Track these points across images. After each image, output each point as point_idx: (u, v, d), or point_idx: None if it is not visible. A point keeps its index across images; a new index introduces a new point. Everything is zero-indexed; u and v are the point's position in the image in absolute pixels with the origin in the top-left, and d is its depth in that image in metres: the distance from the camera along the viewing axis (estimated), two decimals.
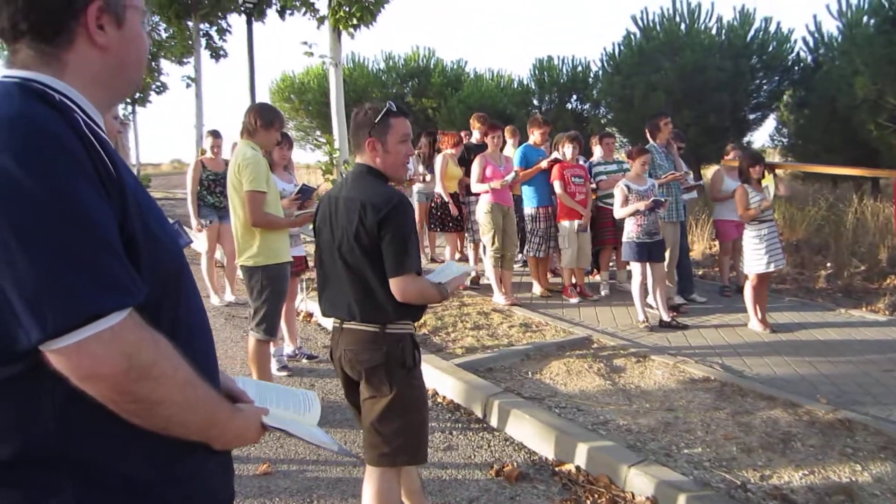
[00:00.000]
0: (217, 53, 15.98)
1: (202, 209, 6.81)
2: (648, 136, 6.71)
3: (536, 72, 17.91)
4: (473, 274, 6.85)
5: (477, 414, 4.05)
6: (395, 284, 2.24)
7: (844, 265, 8.22)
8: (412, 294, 2.27)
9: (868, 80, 9.79)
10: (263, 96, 24.31)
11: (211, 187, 6.76)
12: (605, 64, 14.69)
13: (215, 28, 15.71)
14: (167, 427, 1.02)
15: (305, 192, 4.60)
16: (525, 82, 18.87)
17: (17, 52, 1.05)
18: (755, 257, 5.62)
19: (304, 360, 5.14)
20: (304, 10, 8.91)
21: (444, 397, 4.33)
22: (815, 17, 13.95)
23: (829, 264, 8.38)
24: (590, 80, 16.97)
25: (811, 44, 12.79)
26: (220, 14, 15.25)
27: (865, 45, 9.66)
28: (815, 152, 12.48)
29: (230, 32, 16.07)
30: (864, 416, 3.77)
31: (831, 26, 13.57)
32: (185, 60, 15.69)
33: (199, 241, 6.81)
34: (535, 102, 18.20)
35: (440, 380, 4.42)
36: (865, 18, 10.15)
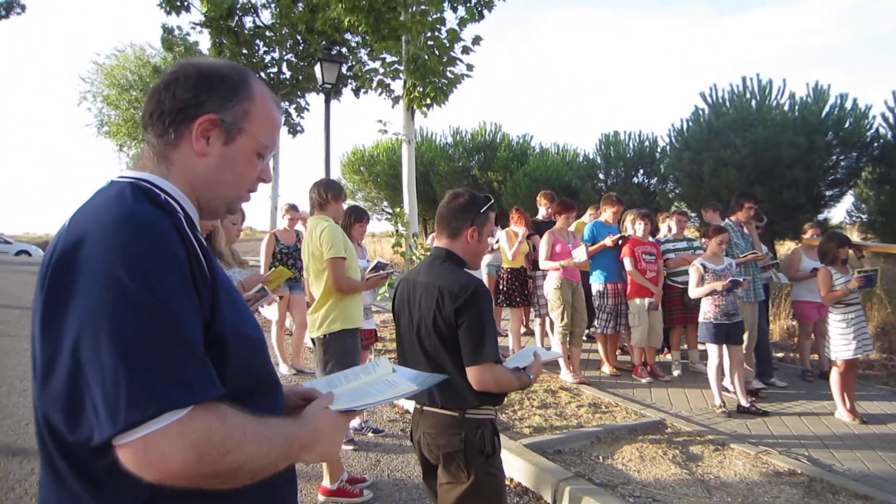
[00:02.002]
0: (294, 130, 16.83)
1: None
2: (728, 213, 6.61)
3: (602, 146, 18.02)
4: (559, 356, 6.59)
5: (546, 499, 3.92)
6: (471, 373, 2.23)
7: None
8: (489, 383, 2.25)
9: None
10: (335, 169, 25.38)
11: (283, 259, 6.95)
12: (673, 139, 14.65)
13: (294, 106, 16.61)
14: (256, 476, 1.03)
15: (378, 268, 4.72)
16: (591, 156, 19.00)
17: (142, 147, 1.18)
18: (842, 342, 5.34)
19: (371, 434, 5.13)
20: (379, 90, 9.36)
21: (511, 479, 4.21)
22: (893, 93, 13.54)
23: None
24: (657, 154, 16.93)
25: (891, 120, 12.42)
26: (299, 93, 16.16)
27: None
28: None
29: (308, 110, 16.97)
30: None
31: None
32: None
33: (270, 310, 7.00)
34: (601, 176, 18.23)
35: (507, 460, 4.29)
36: None
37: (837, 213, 26.66)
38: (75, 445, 0.97)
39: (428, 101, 8.64)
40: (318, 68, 10.45)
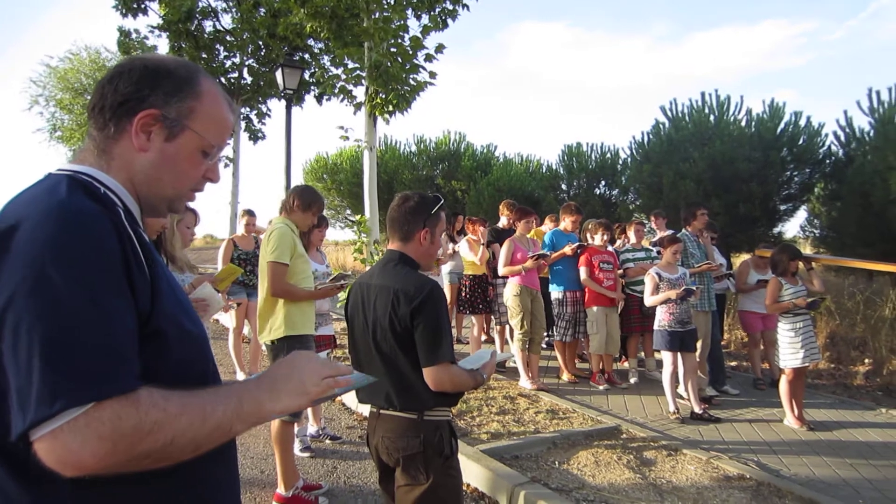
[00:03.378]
0: (255, 136, 16.64)
1: (232, 286, 6.90)
2: (683, 223, 6.74)
3: (565, 157, 18.23)
4: (511, 356, 6.72)
5: None
6: (428, 374, 2.24)
7: (883, 362, 7.96)
8: (446, 383, 2.25)
9: None
10: (297, 176, 25.14)
11: (242, 265, 6.70)
12: (635, 151, 14.91)
13: (255, 112, 16.44)
14: (201, 446, 1.02)
15: (341, 278, 4.65)
16: (554, 167, 19.20)
17: (84, 141, 1.17)
18: (790, 351, 5.48)
19: (328, 441, 5.07)
20: (341, 96, 9.31)
21: (468, 485, 4.20)
22: (845, 112, 14.08)
23: (867, 360, 8.13)
24: (618, 166, 17.21)
25: (842, 138, 12.87)
26: (260, 99, 16.00)
27: None
28: (849, 245, 12.31)
29: (269, 116, 16.81)
30: None
31: (862, 122, 13.68)
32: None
33: (227, 317, 6.88)
34: (564, 187, 18.44)
35: (465, 466, 4.26)
36: None
37: (791, 227, 27.46)
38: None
39: (390, 108, 8.64)
40: (279, 74, 10.36)
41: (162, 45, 15.45)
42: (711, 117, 13.48)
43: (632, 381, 6.94)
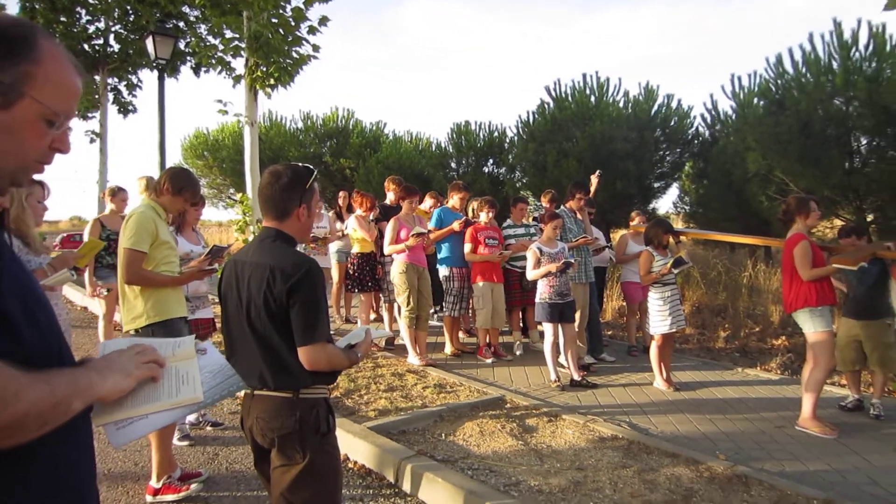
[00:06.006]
0: (125, 109, 15.44)
1: (99, 270, 6.40)
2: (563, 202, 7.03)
3: (454, 135, 18.38)
4: (389, 335, 6.79)
5: (389, 479, 3.94)
6: (303, 353, 2.19)
7: (741, 326, 8.72)
8: (321, 363, 2.21)
9: (759, 155, 10.67)
10: (175, 153, 23.72)
11: (110, 247, 6.22)
12: (521, 130, 15.27)
13: (124, 83, 15.25)
14: (47, 422, 1.03)
15: (215, 252, 4.45)
16: (443, 145, 19.32)
17: None
18: (659, 318, 5.87)
19: (209, 428, 4.88)
20: (220, 68, 8.84)
21: (356, 462, 4.20)
22: (711, 96, 15.22)
23: (727, 325, 8.87)
24: (506, 145, 17.57)
25: (708, 120, 13.85)
26: (130, 69, 14.85)
27: (756, 124, 10.52)
28: (714, 220, 13.35)
29: (140, 88, 15.60)
30: (759, 471, 3.94)
31: (726, 105, 14.74)
32: (90, 115, 14.94)
33: (96, 304, 6.41)
34: (453, 165, 18.61)
35: (352, 444, 4.29)
36: (756, 100, 11.11)
37: (664, 204, 29.31)
38: None
39: (272, 81, 8.29)
40: (150, 42, 9.67)
41: (11, 5, 13.97)
42: (592, 98, 14.04)
43: (517, 353, 7.17)
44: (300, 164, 2.41)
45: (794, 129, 9.58)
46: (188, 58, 13.87)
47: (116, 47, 14.22)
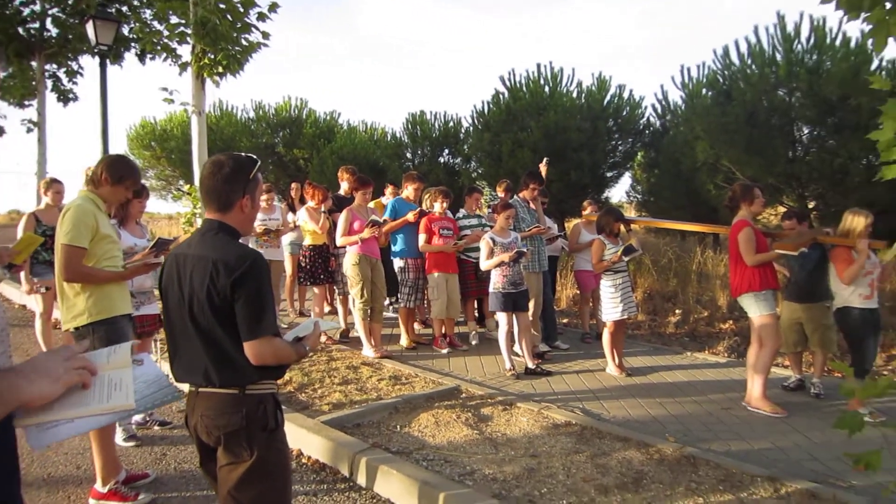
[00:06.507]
0: (65, 97, 14.80)
1: (35, 267, 6.11)
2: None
3: (409, 126, 18.27)
4: (342, 327, 6.72)
5: (343, 473, 3.91)
6: (249, 348, 2.13)
7: (690, 312, 8.93)
8: (268, 357, 2.16)
9: (707, 145, 10.92)
10: (120, 144, 22.94)
11: (47, 243, 5.71)
12: (476, 120, 15.27)
13: (64, 70, 14.60)
14: None
15: (160, 245, 4.31)
16: (398, 135, 19.19)
17: None
18: (611, 305, 5.96)
19: (156, 428, 4.74)
20: (165, 55, 8.53)
21: (310, 457, 4.14)
22: (661, 86, 15.45)
23: (677, 311, 9.07)
24: (461, 135, 17.56)
25: (659, 110, 14.10)
26: (70, 55, 14.23)
27: (704, 114, 10.77)
28: (665, 208, 13.64)
29: (81, 75, 14.95)
30: (707, 451, 4.05)
31: (676, 96, 15.07)
32: (26, 103, 14.24)
33: (33, 301, 6.15)
34: (409, 155, 18.51)
35: (305, 439, 4.23)
36: (704, 90, 11.35)
37: (617, 193, 29.77)
38: None
39: (220, 69, 8.04)
40: (90, 27, 9.28)
41: None
42: (546, 88, 14.12)
43: (473, 343, 7.19)
44: (243, 153, 2.34)
45: (740, 118, 9.83)
46: (132, 44, 13.37)
47: (54, 32, 13.59)
